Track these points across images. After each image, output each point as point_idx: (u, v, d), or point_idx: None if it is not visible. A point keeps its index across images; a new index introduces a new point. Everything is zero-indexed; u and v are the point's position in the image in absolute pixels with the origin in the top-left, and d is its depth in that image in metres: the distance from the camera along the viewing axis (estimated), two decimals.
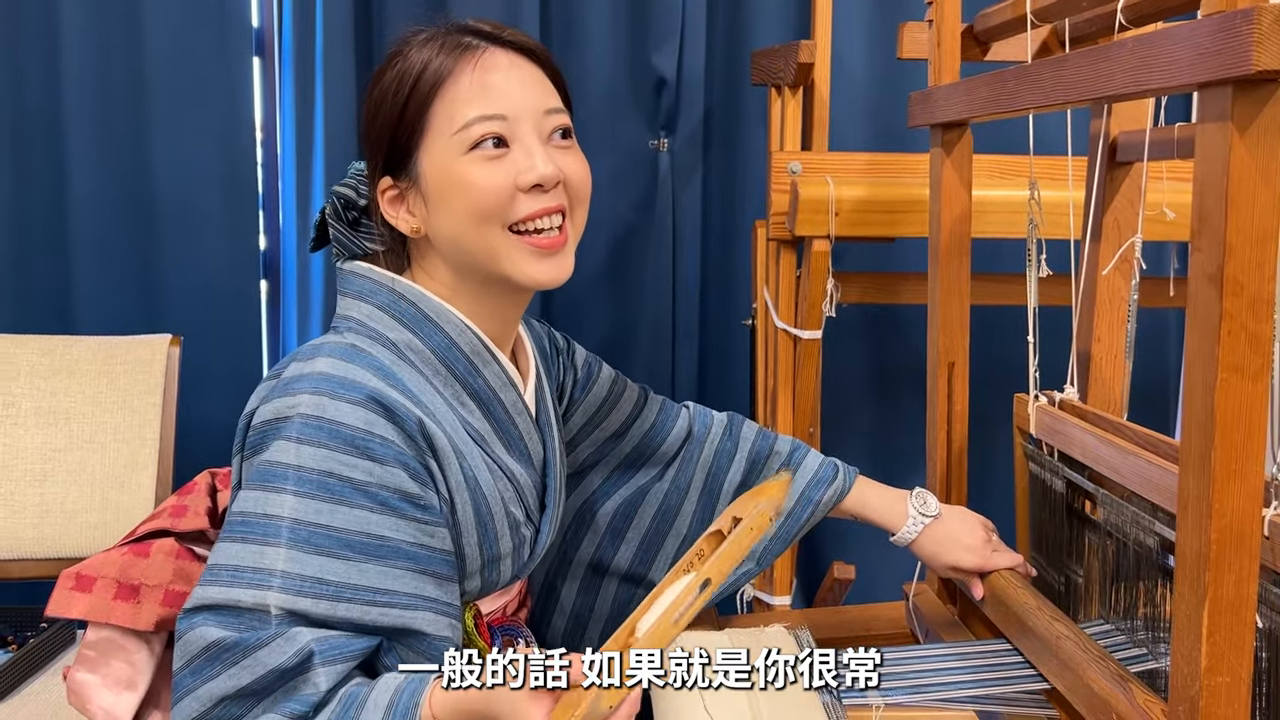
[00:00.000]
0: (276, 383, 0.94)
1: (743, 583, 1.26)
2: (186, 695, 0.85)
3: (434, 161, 0.96)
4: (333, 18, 2.10)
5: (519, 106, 0.96)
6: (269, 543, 0.87)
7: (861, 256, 2.12)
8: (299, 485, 0.88)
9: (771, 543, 1.24)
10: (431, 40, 0.99)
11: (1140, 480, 0.99)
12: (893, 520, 1.24)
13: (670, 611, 0.79)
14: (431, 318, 1.00)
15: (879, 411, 2.35)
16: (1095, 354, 1.33)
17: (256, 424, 0.93)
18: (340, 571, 0.87)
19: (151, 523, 1.08)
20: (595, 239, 2.25)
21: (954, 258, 1.29)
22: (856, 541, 2.30)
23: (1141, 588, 1.06)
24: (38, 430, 1.93)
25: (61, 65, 2.06)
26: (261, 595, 0.85)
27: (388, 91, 0.98)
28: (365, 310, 1.00)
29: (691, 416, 1.31)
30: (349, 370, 0.92)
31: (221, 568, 0.87)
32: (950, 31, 1.27)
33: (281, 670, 0.83)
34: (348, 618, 0.87)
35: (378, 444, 0.90)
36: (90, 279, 2.13)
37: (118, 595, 1.01)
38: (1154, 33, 0.78)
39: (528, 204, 0.96)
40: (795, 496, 1.24)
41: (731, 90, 2.27)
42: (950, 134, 1.25)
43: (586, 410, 1.25)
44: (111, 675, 1.00)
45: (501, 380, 1.03)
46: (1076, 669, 0.95)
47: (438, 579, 0.92)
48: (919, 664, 1.09)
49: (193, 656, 0.85)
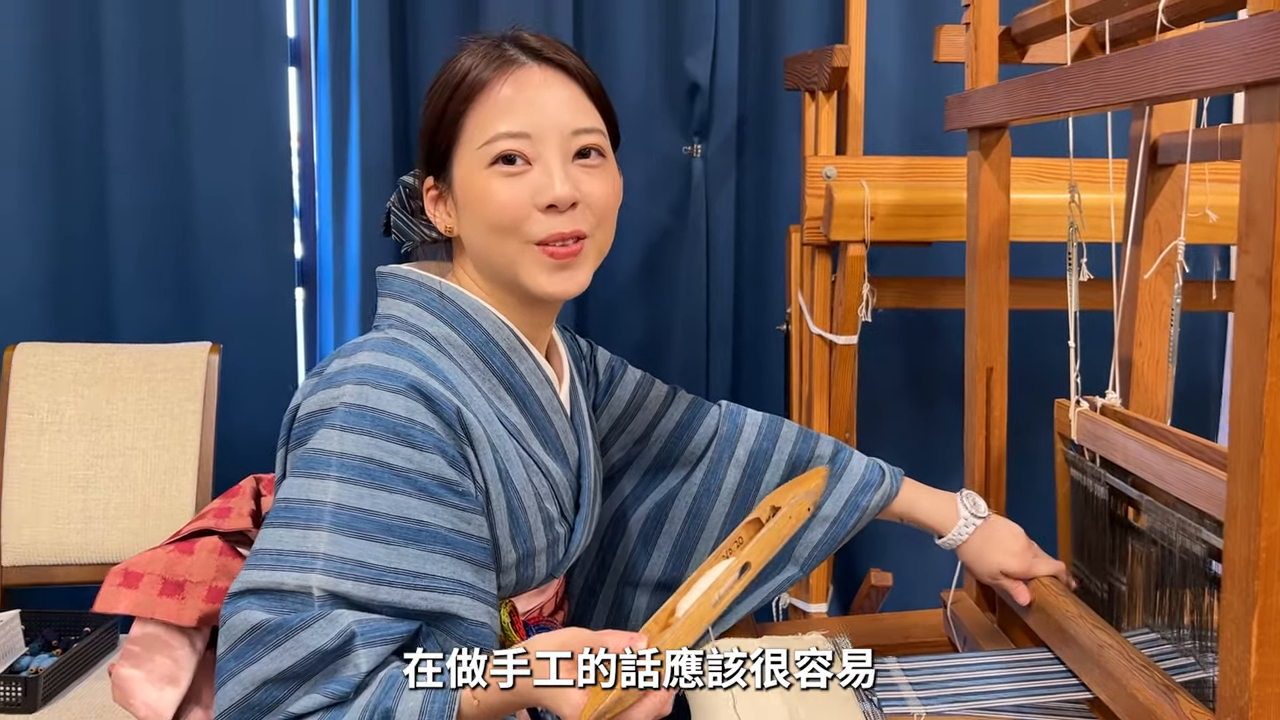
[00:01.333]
0: (320, 378, 0.96)
1: (785, 588, 1.25)
2: (229, 679, 0.87)
3: (463, 170, 1.00)
4: (368, 27, 2.12)
5: (546, 125, 0.97)
6: (312, 527, 0.89)
7: (897, 260, 2.11)
8: (342, 471, 0.90)
9: (816, 549, 1.23)
10: (479, 49, 1.01)
11: (1186, 487, 0.98)
12: (943, 522, 1.22)
13: (709, 593, 0.80)
14: (469, 314, 1.02)
15: (916, 417, 2.33)
16: (1137, 359, 1.31)
17: (301, 416, 0.95)
18: (381, 555, 0.88)
19: (196, 523, 1.10)
20: (629, 244, 2.26)
21: (992, 262, 1.28)
22: (894, 548, 2.29)
23: (1188, 595, 1.04)
24: (81, 437, 1.96)
25: (102, 77, 2.10)
26: (305, 577, 0.87)
27: (434, 94, 1.02)
28: (405, 308, 1.03)
29: (722, 415, 1.29)
30: (391, 361, 0.94)
31: (265, 552, 0.89)
32: (988, 34, 1.26)
33: (323, 652, 0.84)
34: (388, 600, 0.88)
35: (418, 431, 0.92)
36: (130, 287, 2.16)
37: (163, 591, 1.02)
38: (1199, 33, 0.77)
39: (544, 224, 0.97)
40: (841, 502, 1.23)
41: (765, 95, 2.26)
42: (988, 137, 1.24)
43: (611, 414, 1.25)
44: (155, 670, 1.01)
45: (537, 376, 1.05)
46: (1120, 678, 0.94)
47: (475, 565, 0.94)
48: (959, 672, 1.08)
49: (236, 640, 0.87)
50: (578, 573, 1.26)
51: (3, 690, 1.61)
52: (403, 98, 2.19)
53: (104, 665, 1.78)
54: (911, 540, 2.32)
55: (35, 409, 1.95)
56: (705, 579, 0.82)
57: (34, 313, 2.12)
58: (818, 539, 1.23)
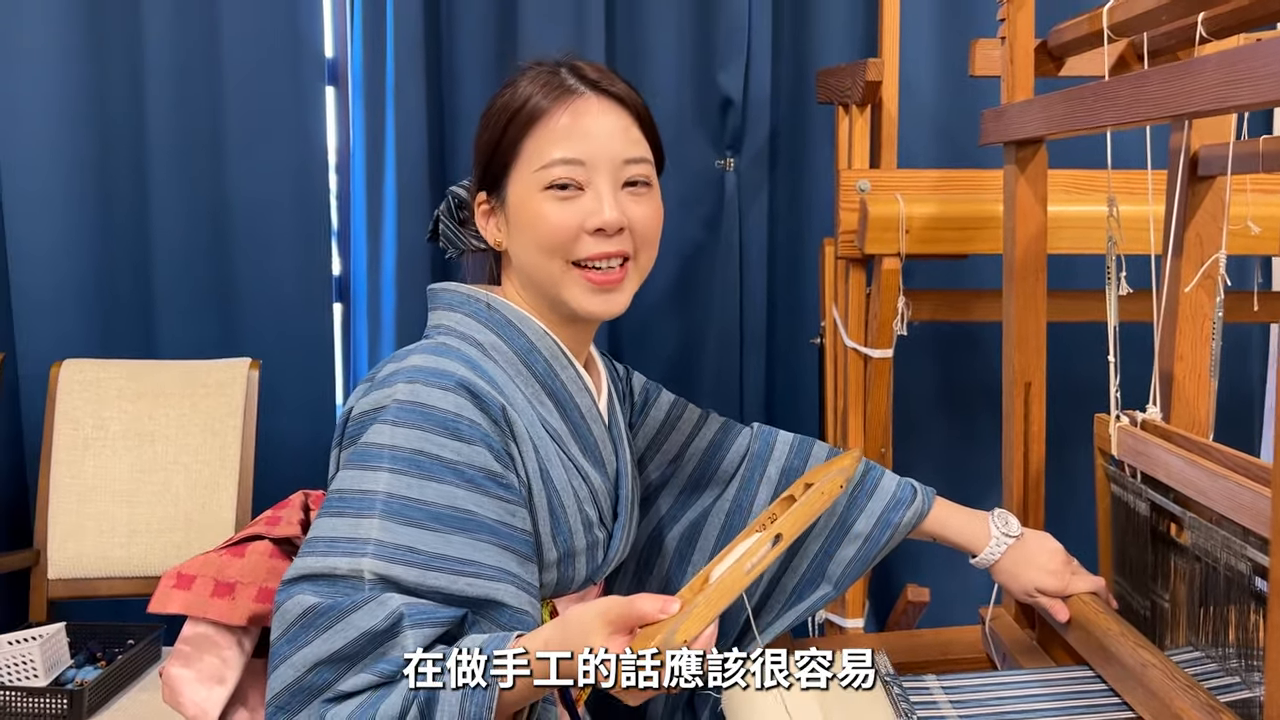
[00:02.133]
0: (373, 382, 1.01)
1: (819, 606, 1.25)
2: (282, 663, 0.89)
3: (518, 190, 1.05)
4: (403, 47, 2.15)
5: (599, 153, 1.03)
6: (364, 515, 0.92)
7: (932, 273, 2.10)
8: (393, 463, 0.94)
9: (850, 566, 1.24)
10: (540, 76, 1.06)
11: (1230, 503, 0.96)
12: (975, 541, 1.22)
13: (742, 561, 0.82)
14: (514, 323, 1.07)
15: (952, 431, 2.32)
16: (1178, 373, 1.30)
17: (355, 415, 0.99)
18: (430, 542, 0.91)
19: (248, 530, 1.14)
20: (663, 259, 2.21)
21: (1030, 275, 1.27)
22: (930, 564, 2.27)
23: (1232, 613, 1.02)
24: (125, 452, 1.99)
25: (143, 97, 2.14)
26: (356, 562, 0.90)
27: (493, 117, 1.07)
28: (455, 318, 1.08)
29: (754, 435, 1.31)
30: (440, 362, 0.99)
31: (319, 539, 0.93)
32: (1024, 48, 1.26)
33: (373, 633, 0.87)
34: (436, 586, 0.91)
35: (466, 425, 0.96)
36: (171, 304, 2.20)
37: (215, 592, 1.06)
38: (1238, 49, 0.77)
39: (591, 245, 1.03)
40: (874, 519, 1.23)
41: (797, 109, 2.27)
42: (1025, 151, 1.24)
43: (646, 434, 1.29)
44: (204, 670, 1.05)
45: (577, 385, 1.09)
46: (1164, 698, 0.93)
47: (519, 556, 0.96)
48: (1000, 690, 1.07)
49: (290, 624, 0.90)
50: (618, 589, 1.27)
51: (49, 702, 1.63)
52: (438, 116, 2.21)
53: (148, 677, 1.81)
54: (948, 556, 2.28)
55: (80, 424, 1.99)
56: (739, 548, 0.85)
57: (78, 330, 2.16)
58: (851, 556, 1.24)
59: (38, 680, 1.70)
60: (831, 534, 1.24)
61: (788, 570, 1.26)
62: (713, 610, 0.79)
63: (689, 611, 0.79)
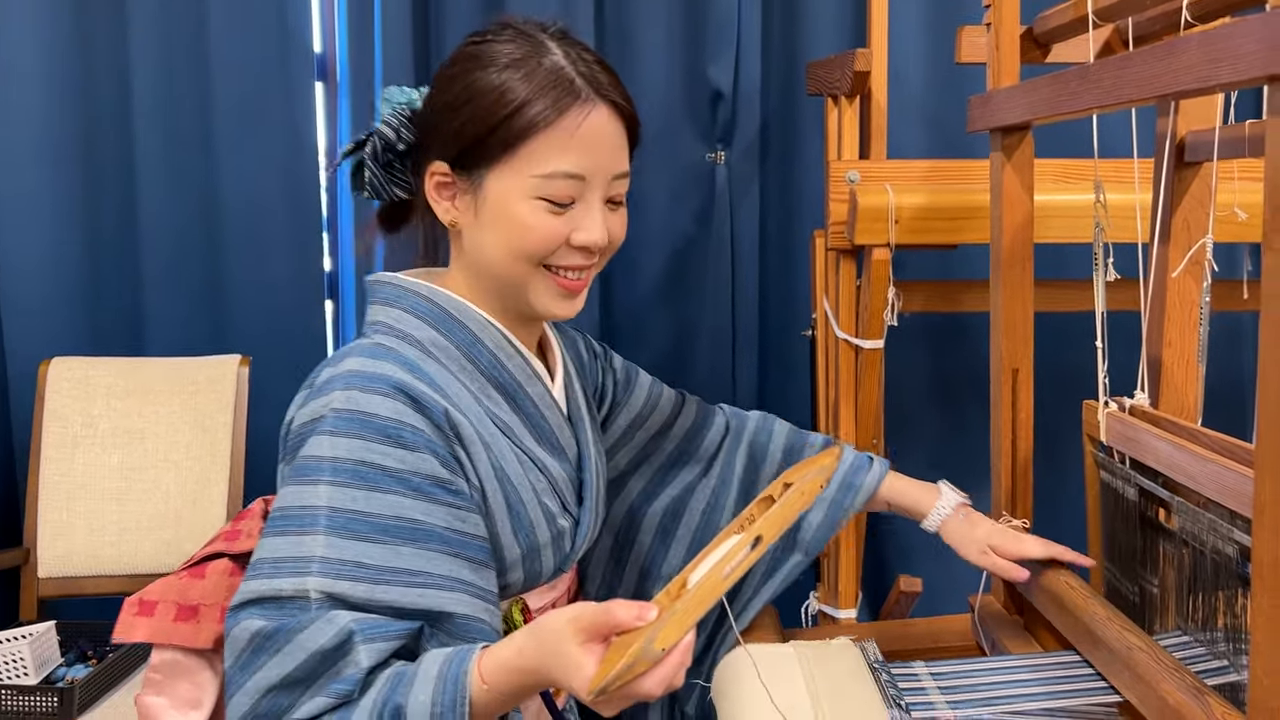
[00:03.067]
0: (311, 390, 0.98)
1: (794, 576, 1.27)
2: (237, 691, 0.87)
3: (503, 186, 0.99)
4: (391, 42, 2.14)
5: (596, 169, 1.00)
6: (307, 532, 0.89)
7: (923, 264, 2.10)
8: (334, 475, 0.90)
9: (818, 530, 1.26)
10: (542, 68, 0.98)
11: (1218, 487, 0.96)
12: (924, 503, 1.26)
13: (720, 565, 0.79)
14: (455, 315, 1.04)
15: (944, 421, 2.31)
16: (1166, 359, 1.29)
17: (295, 427, 0.96)
18: (377, 555, 0.89)
19: (207, 548, 1.12)
20: (655, 251, 2.26)
21: (1016, 263, 1.27)
22: (922, 555, 2.27)
23: (1221, 597, 1.02)
24: (115, 450, 1.99)
25: (130, 93, 2.13)
26: (302, 581, 0.87)
27: (485, 97, 0.98)
28: (392, 314, 1.04)
29: (728, 415, 1.35)
30: (376, 366, 0.96)
31: (263, 562, 0.90)
32: (1009, 34, 1.25)
33: (323, 652, 0.85)
34: (386, 600, 0.88)
35: (409, 432, 0.93)
36: (160, 302, 2.19)
37: (178, 617, 1.04)
38: (1221, 27, 0.76)
39: (567, 256, 1.01)
40: (837, 483, 1.27)
41: (787, 101, 2.26)
42: (1011, 138, 1.24)
43: (630, 410, 1.29)
44: (179, 696, 1.03)
45: (526, 374, 1.06)
46: (1150, 681, 0.93)
47: (473, 564, 0.94)
48: (988, 675, 1.07)
49: (240, 650, 0.88)
50: (593, 569, 1.27)
51: (39, 700, 1.63)
52: None
53: (138, 675, 1.80)
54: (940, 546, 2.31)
55: (69, 422, 1.98)
56: (717, 551, 0.82)
57: (66, 327, 2.15)
58: (819, 520, 1.27)
59: (28, 679, 1.69)
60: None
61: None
62: (692, 616, 0.77)
63: (667, 618, 0.76)
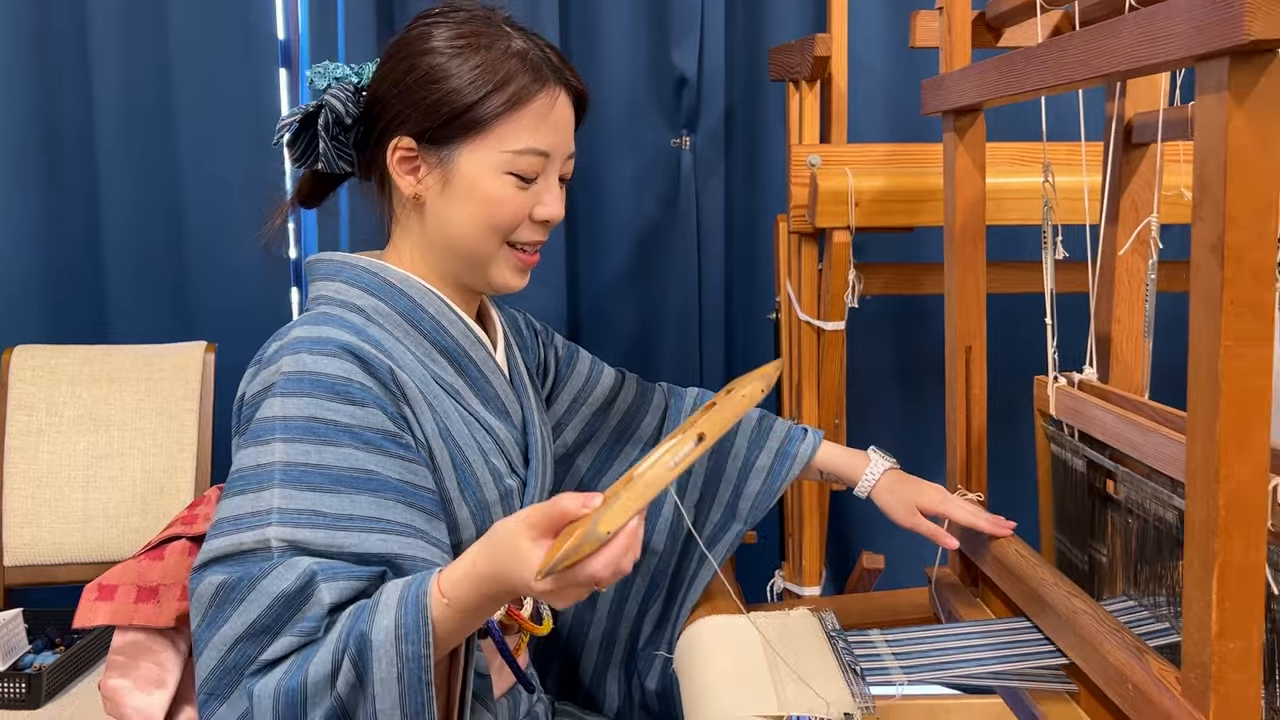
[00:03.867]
0: (260, 363, 1.00)
1: (735, 543, 1.33)
2: (205, 647, 0.89)
3: (474, 162, 1.04)
4: (354, 28, 2.14)
5: (558, 148, 1.08)
6: (264, 487, 0.91)
7: (884, 248, 2.13)
8: (286, 433, 0.93)
9: (757, 499, 1.32)
10: (521, 54, 1.05)
11: (1159, 455, 1.00)
12: (857, 468, 1.31)
13: (666, 458, 0.80)
14: (394, 284, 1.07)
15: (905, 401, 2.35)
16: (1115, 336, 1.33)
17: (248, 399, 0.98)
18: (334, 504, 0.91)
19: (164, 532, 1.13)
20: (621, 236, 2.28)
21: (969, 242, 1.30)
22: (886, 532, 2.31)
23: (1162, 563, 1.06)
24: (80, 437, 1.98)
25: (91, 79, 2.12)
26: (262, 533, 0.89)
27: (465, 73, 1.03)
28: (333, 287, 1.07)
29: (667, 393, 1.40)
30: (322, 330, 0.98)
31: (223, 520, 0.92)
32: (961, 18, 1.28)
33: (286, 596, 0.86)
34: (347, 545, 0.90)
35: (357, 389, 0.96)
36: (124, 289, 2.19)
37: (139, 599, 1.06)
38: (1153, 8, 0.79)
39: (529, 232, 1.08)
40: (773, 454, 1.33)
41: (751, 87, 2.28)
42: (963, 120, 1.26)
43: (572, 387, 1.33)
44: (142, 676, 1.04)
45: (469, 339, 1.10)
46: (1093, 642, 0.96)
47: (426, 514, 0.97)
48: (941, 642, 1.10)
49: (205, 607, 0.89)
50: None
51: (7, 686, 1.63)
52: None
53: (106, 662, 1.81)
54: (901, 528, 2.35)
55: (34, 410, 1.97)
56: (663, 448, 0.82)
57: (28, 315, 2.14)
58: (756, 490, 1.32)
59: None
60: (740, 475, 1.33)
61: (706, 522, 1.32)
62: (637, 502, 0.76)
63: (611, 503, 0.76)
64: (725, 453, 1.34)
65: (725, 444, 1.34)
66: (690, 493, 1.34)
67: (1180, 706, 0.82)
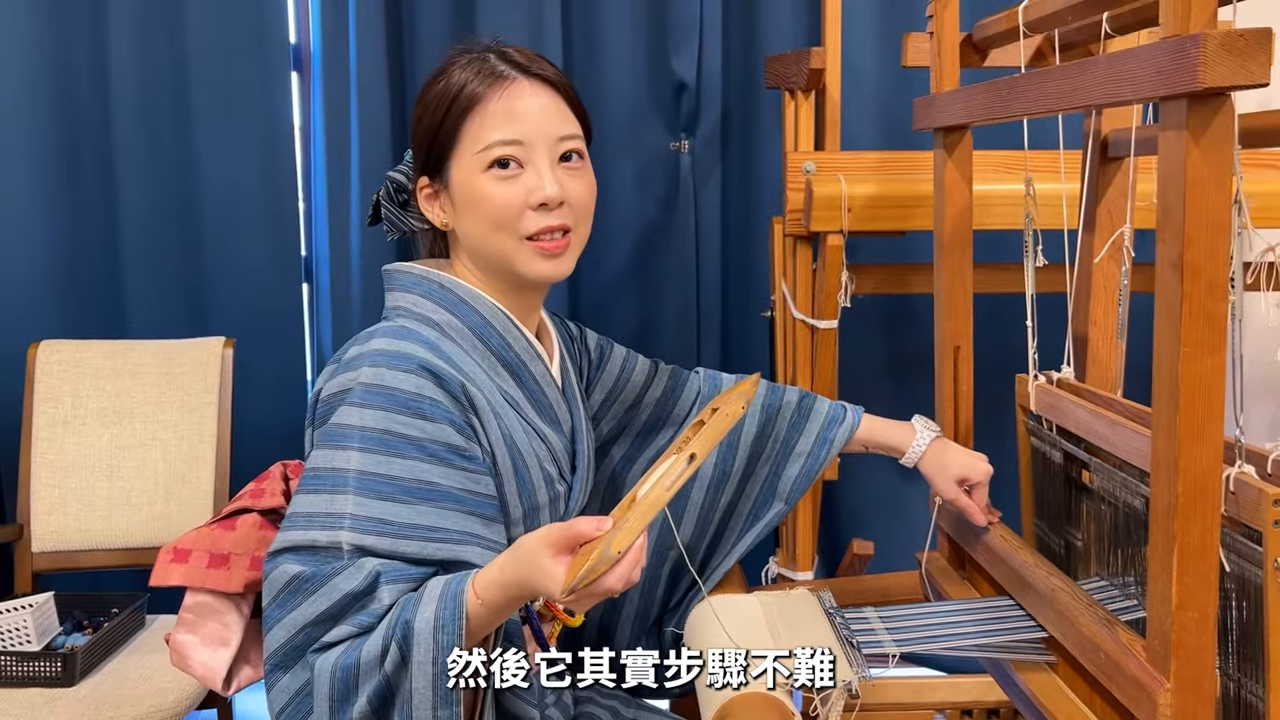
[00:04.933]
0: (339, 364, 1.09)
1: (775, 522, 1.40)
2: (275, 625, 1.00)
3: (461, 173, 1.12)
4: (364, 32, 2.22)
5: (535, 133, 1.11)
6: (339, 491, 1.01)
7: (875, 249, 2.22)
8: (362, 442, 1.02)
9: (796, 481, 1.38)
10: (472, 64, 1.13)
11: (1129, 448, 1.10)
12: (902, 439, 1.38)
13: (663, 479, 0.93)
14: (467, 301, 1.15)
15: (895, 397, 2.45)
16: (1091, 336, 1.43)
17: (324, 397, 1.07)
18: (400, 513, 1.01)
19: (234, 504, 1.22)
20: (621, 237, 2.37)
21: (957, 249, 1.39)
22: (875, 520, 2.42)
23: (1131, 546, 1.16)
24: (103, 429, 2.06)
25: (109, 83, 2.19)
26: (335, 535, 0.99)
27: (430, 105, 1.14)
28: (411, 299, 1.16)
29: (703, 380, 1.46)
30: (401, 345, 1.07)
31: (298, 515, 1.02)
32: (950, 42, 1.38)
33: (354, 594, 0.97)
34: (408, 553, 1.00)
35: (428, 405, 1.04)
36: (141, 286, 2.27)
37: (210, 564, 1.16)
38: (1121, 52, 0.89)
39: (535, 220, 1.11)
40: (813, 438, 1.39)
41: (747, 93, 2.37)
42: (951, 136, 1.36)
43: (604, 386, 1.40)
44: (208, 635, 1.14)
45: (530, 354, 1.18)
46: (1070, 616, 1.06)
47: (484, 519, 1.06)
48: (930, 618, 1.20)
49: (278, 590, 1.00)
50: None
51: (44, 665, 1.71)
52: (399, 101, 2.28)
53: (134, 642, 1.89)
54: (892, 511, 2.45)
55: (60, 403, 2.05)
56: (660, 469, 0.96)
57: (49, 311, 2.22)
58: (796, 473, 1.38)
59: (31, 645, 1.77)
60: (777, 457, 1.39)
61: (742, 496, 1.39)
62: (640, 523, 0.89)
63: (621, 526, 0.88)
64: (766, 435, 1.40)
65: (765, 427, 1.40)
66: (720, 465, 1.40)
67: (1145, 670, 0.92)
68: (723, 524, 1.40)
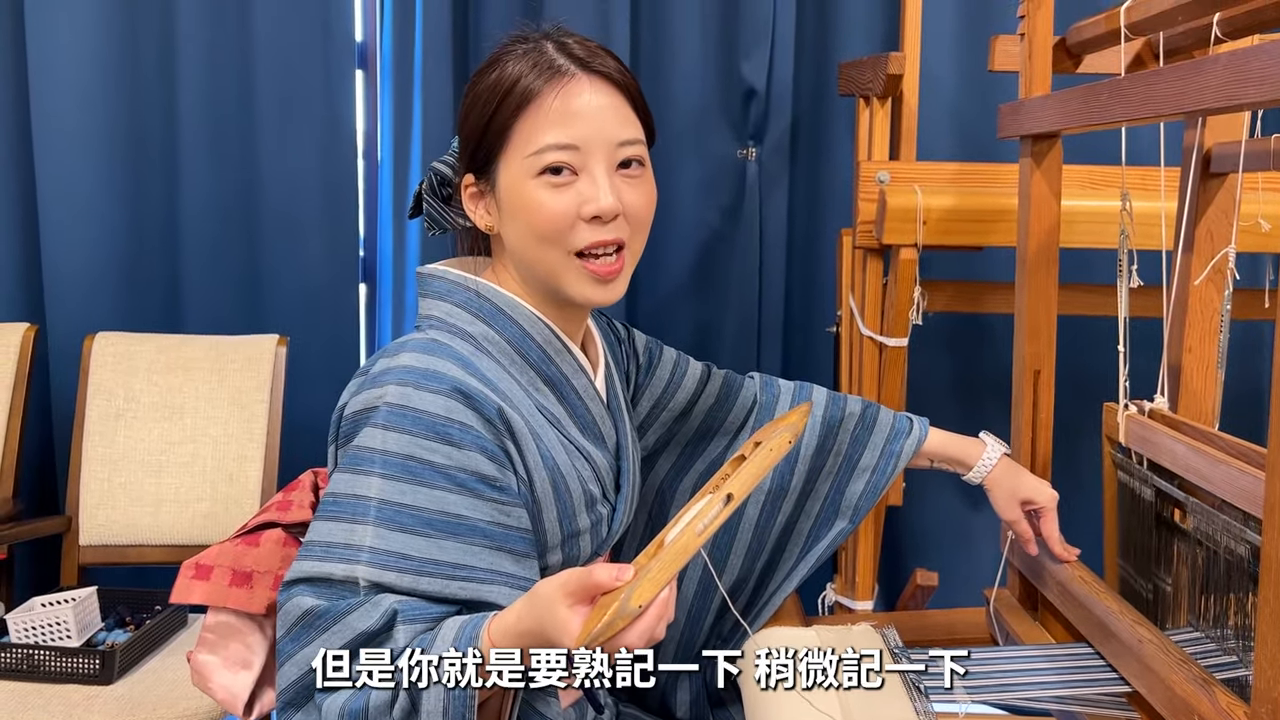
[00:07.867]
0: (365, 378, 1.01)
1: (838, 542, 1.30)
2: (287, 661, 0.93)
3: (509, 175, 1.02)
4: (431, 31, 2.19)
5: (593, 137, 1.01)
6: (358, 521, 0.94)
7: (948, 265, 2.13)
8: (385, 468, 0.94)
9: (861, 498, 1.29)
10: (528, 55, 1.03)
11: (1232, 489, 1.00)
12: (970, 454, 1.28)
13: (694, 523, 0.82)
14: (505, 311, 1.06)
15: (965, 420, 2.33)
16: (1186, 365, 1.33)
17: (348, 415, 0.99)
18: (422, 548, 0.93)
19: (260, 516, 1.16)
20: (683, 244, 2.30)
21: (1042, 267, 1.30)
22: (938, 549, 2.31)
23: (1232, 596, 1.06)
24: (154, 424, 2.05)
25: (175, 79, 2.19)
26: (351, 569, 0.92)
27: (480, 97, 1.04)
28: (445, 308, 1.07)
29: (759, 385, 1.35)
30: (431, 362, 0.98)
31: (315, 544, 0.95)
32: (1042, 44, 1.29)
33: (369, 633, 0.90)
34: (428, 591, 0.93)
35: (456, 430, 0.95)
36: (199, 281, 2.25)
37: (233, 582, 1.10)
38: (1248, 48, 0.80)
39: (587, 234, 1.01)
40: (878, 452, 1.30)
41: (818, 100, 2.30)
42: (1040, 145, 1.27)
43: (652, 393, 1.30)
44: (230, 656, 1.09)
45: (573, 367, 1.09)
46: (1159, 672, 0.97)
47: (514, 555, 0.98)
48: (1004, 664, 1.11)
49: (291, 624, 0.93)
50: (628, 547, 1.31)
51: (83, 662, 1.69)
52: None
53: (175, 641, 1.86)
54: (957, 541, 2.35)
55: (113, 396, 2.04)
56: (691, 511, 0.85)
57: (107, 305, 2.21)
58: (861, 489, 1.29)
59: (71, 641, 1.75)
60: (840, 473, 1.30)
61: (801, 514, 1.30)
62: (666, 574, 0.79)
63: (643, 576, 0.79)
64: (828, 449, 1.30)
65: (826, 440, 1.31)
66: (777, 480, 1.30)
67: None
68: (780, 544, 1.30)
